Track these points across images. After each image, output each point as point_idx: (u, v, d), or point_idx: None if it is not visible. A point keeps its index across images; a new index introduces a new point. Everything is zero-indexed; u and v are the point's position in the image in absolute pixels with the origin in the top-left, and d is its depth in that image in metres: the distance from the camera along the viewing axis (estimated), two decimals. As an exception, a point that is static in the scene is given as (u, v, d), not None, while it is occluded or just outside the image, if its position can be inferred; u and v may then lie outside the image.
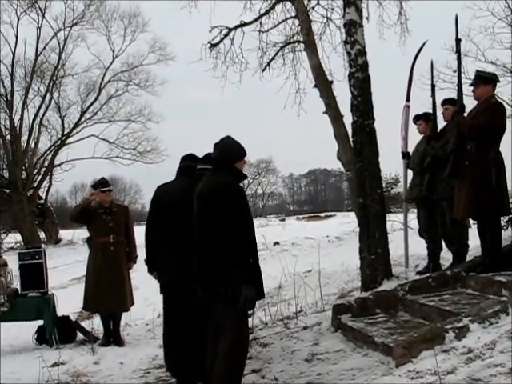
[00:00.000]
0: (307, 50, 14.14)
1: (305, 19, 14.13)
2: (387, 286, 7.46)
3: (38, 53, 33.72)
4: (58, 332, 8.31)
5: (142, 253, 6.77)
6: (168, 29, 65.46)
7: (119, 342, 8.21)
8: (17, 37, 33.03)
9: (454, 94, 7.75)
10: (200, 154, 5.99)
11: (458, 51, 7.18)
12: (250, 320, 7.84)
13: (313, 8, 14.59)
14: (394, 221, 15.78)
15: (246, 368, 5.96)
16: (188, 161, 6.18)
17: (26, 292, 8.38)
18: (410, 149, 8.66)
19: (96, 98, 35.58)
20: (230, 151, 5.13)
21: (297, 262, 10.49)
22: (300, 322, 7.49)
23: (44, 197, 36.26)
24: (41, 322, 8.48)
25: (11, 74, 33.39)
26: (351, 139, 8.39)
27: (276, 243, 20.06)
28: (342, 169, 14.87)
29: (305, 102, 14.92)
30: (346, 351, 6.03)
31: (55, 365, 6.95)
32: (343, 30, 8.62)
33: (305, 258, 13.86)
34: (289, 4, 14.61)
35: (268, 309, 8.41)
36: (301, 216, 51.52)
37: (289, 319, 7.82)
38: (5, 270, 7.05)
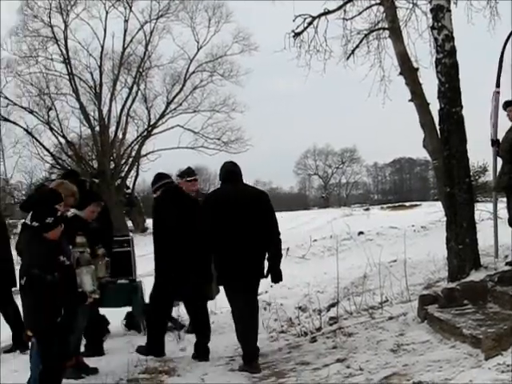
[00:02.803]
0: (392, 37, 13.88)
1: (390, 6, 13.87)
2: (475, 276, 7.30)
3: (125, 45, 34.75)
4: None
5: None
6: (251, 19, 65.72)
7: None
8: (105, 30, 34.24)
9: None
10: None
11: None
12: (334, 309, 7.91)
13: (398, -6, 14.34)
14: (482, 210, 15.35)
15: (330, 357, 6.01)
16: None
17: (115, 279, 8.55)
18: (500, 136, 8.44)
19: (181, 89, 36.23)
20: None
21: (382, 252, 10.37)
22: (385, 312, 7.43)
23: (131, 186, 37.19)
24: (129, 309, 8.69)
25: (100, 67, 34.57)
26: (438, 127, 8.23)
27: (360, 233, 19.90)
28: (428, 157, 14.56)
29: (390, 89, 14.71)
30: (433, 342, 5.94)
31: (143, 350, 7.12)
32: (429, 16, 8.47)
33: (390, 248, 13.71)
34: (373, -10, 14.41)
35: (353, 298, 8.37)
36: (385, 205, 50.96)
37: (374, 309, 7.75)
38: (102, 260, 7.10)
